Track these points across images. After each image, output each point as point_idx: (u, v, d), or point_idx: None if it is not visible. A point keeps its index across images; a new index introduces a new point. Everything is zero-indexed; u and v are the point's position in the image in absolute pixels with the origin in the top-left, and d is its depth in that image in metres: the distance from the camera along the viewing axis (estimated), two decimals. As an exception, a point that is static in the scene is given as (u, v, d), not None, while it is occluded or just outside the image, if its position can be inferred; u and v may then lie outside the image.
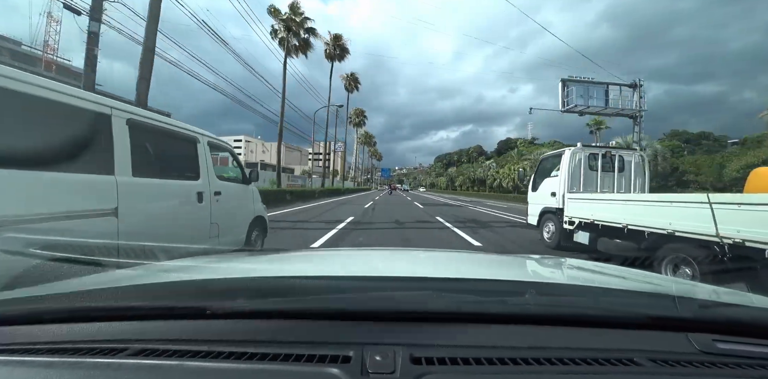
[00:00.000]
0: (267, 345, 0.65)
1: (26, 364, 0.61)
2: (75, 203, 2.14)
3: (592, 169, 6.39)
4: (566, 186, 6.16)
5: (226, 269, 1.36)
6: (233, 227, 4.01)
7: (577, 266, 1.58)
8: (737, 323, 0.76)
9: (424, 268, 1.53)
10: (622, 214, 4.50)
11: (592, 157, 6.42)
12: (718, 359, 0.67)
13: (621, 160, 6.51)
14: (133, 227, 2.46)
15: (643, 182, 6.56)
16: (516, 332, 0.72)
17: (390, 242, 6.66)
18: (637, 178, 6.51)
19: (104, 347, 0.65)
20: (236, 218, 4.13)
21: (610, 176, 6.46)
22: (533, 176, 7.61)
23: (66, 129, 2.20)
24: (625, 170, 6.53)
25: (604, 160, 6.44)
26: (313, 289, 0.86)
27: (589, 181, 6.31)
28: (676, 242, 3.71)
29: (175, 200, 3.08)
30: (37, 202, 1.93)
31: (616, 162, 6.46)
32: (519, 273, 1.44)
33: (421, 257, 1.83)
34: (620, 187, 6.44)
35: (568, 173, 6.21)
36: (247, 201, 4.41)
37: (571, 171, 6.23)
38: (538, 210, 7.00)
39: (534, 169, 7.80)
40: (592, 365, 0.63)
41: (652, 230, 3.99)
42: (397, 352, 0.62)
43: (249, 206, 4.45)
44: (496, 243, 6.93)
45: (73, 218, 2.12)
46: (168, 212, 2.98)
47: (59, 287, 0.86)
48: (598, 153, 6.45)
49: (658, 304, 0.82)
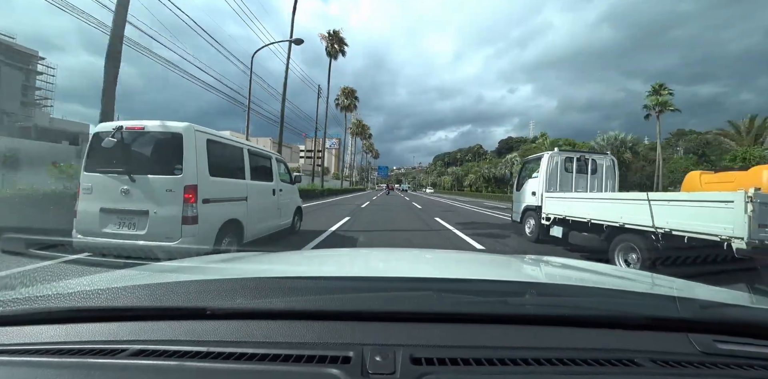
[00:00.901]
0: (267, 346, 0.65)
1: (26, 364, 0.62)
2: (234, 193, 4.39)
3: (567, 171, 7.12)
4: (544, 186, 6.89)
5: (225, 269, 1.37)
6: (287, 212, 6.32)
7: (577, 267, 1.59)
8: (738, 323, 0.76)
9: (424, 268, 1.56)
10: (586, 210, 5.24)
11: (568, 160, 7.16)
12: (718, 359, 0.68)
13: (594, 163, 7.26)
14: (251, 207, 4.72)
15: (614, 183, 7.30)
16: (516, 333, 0.73)
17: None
18: (608, 179, 7.25)
19: (104, 347, 0.65)
20: (289, 206, 6.42)
21: (584, 178, 7.19)
22: (517, 177, 8.35)
23: (230, 157, 4.53)
24: (598, 172, 7.27)
25: (579, 164, 7.17)
26: (312, 289, 0.87)
27: (565, 182, 7.05)
28: (626, 233, 4.45)
29: (265, 193, 5.35)
30: (223, 192, 4.15)
31: (589, 165, 7.20)
32: (519, 274, 1.46)
33: (421, 258, 1.84)
34: (593, 188, 7.18)
35: (546, 175, 6.94)
36: (293, 195, 6.81)
37: (549, 173, 6.96)
38: (521, 208, 7.73)
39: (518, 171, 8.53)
40: (592, 366, 0.63)
41: (608, 223, 4.73)
42: (397, 352, 0.62)
43: (295, 198, 6.88)
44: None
45: (233, 200, 4.35)
46: (263, 200, 5.19)
47: (59, 288, 0.86)
48: (573, 157, 7.19)
49: (658, 304, 0.82)
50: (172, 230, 3.50)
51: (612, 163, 7.38)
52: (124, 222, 3.59)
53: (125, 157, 3.67)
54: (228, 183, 4.28)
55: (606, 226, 4.79)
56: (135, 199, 3.58)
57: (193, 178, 3.62)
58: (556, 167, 7.04)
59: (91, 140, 3.83)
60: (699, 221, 3.44)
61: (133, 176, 3.59)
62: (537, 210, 6.91)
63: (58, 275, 2.25)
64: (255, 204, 4.83)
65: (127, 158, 3.68)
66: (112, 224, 3.60)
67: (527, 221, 7.45)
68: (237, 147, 4.68)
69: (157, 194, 3.56)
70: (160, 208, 3.53)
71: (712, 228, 3.28)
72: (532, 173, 7.57)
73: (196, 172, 3.65)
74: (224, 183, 4.18)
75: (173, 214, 3.51)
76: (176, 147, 3.60)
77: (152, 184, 3.58)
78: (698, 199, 3.55)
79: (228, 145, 4.47)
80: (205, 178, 3.78)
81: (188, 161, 3.61)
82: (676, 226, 3.69)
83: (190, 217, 3.54)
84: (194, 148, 3.68)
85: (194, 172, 3.64)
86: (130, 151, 3.73)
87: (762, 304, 0.87)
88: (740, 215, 3.02)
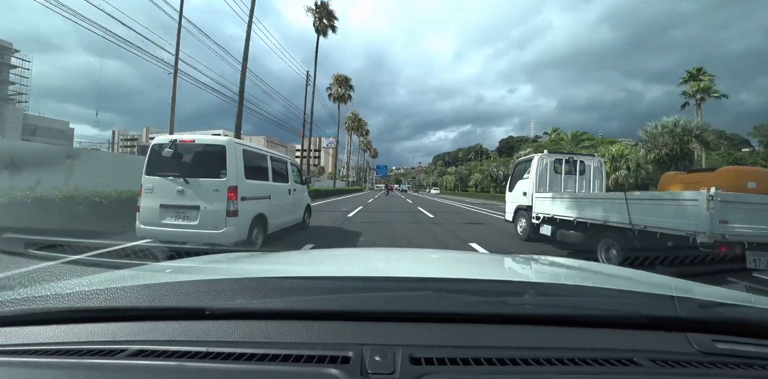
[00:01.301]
0: (266, 346, 0.65)
1: (25, 365, 0.62)
2: (262, 193, 5.32)
3: (557, 172, 7.44)
4: (535, 187, 7.20)
5: (224, 269, 1.38)
6: (299, 208, 7.31)
7: (577, 267, 1.60)
8: (737, 323, 0.77)
9: (423, 268, 1.57)
10: (572, 209, 5.55)
11: (557, 162, 7.47)
12: (717, 359, 0.68)
13: (582, 164, 7.57)
14: (273, 204, 5.70)
15: (601, 183, 7.62)
16: (516, 333, 0.73)
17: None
18: (596, 180, 7.57)
19: (102, 347, 0.65)
20: (300, 203, 7.41)
21: (573, 179, 7.51)
22: (510, 178, 8.67)
23: (258, 163, 5.51)
24: (586, 173, 7.58)
25: (568, 165, 7.49)
26: (312, 289, 0.87)
27: (554, 182, 7.36)
28: (607, 231, 4.76)
29: (283, 192, 6.37)
30: (254, 191, 5.07)
31: (577, 166, 7.52)
32: (518, 274, 1.47)
33: (420, 258, 1.85)
34: (581, 188, 7.50)
35: (536, 176, 7.25)
36: (304, 194, 7.85)
37: (539, 174, 7.27)
38: (513, 208, 8.03)
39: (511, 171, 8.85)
40: (591, 366, 0.64)
41: (592, 221, 5.04)
42: (396, 352, 0.62)
43: (305, 197, 7.93)
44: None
45: (260, 198, 5.29)
46: (281, 198, 6.21)
47: (57, 288, 0.87)
48: (563, 159, 7.51)
49: (657, 304, 0.82)
50: (219, 221, 4.47)
51: (600, 165, 7.70)
52: (180, 215, 4.54)
53: (179, 164, 4.64)
54: (257, 184, 5.29)
55: (590, 224, 5.10)
56: (188, 197, 4.53)
57: (234, 181, 4.60)
58: (546, 168, 7.36)
59: (150, 150, 4.77)
60: (669, 218, 3.75)
61: (186, 179, 4.54)
62: (528, 210, 7.21)
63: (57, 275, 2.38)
64: (276, 202, 5.87)
65: (181, 165, 4.64)
66: (170, 217, 4.54)
67: (519, 220, 7.75)
68: (263, 154, 5.78)
69: (206, 193, 4.52)
70: (209, 204, 4.49)
71: (680, 224, 3.60)
72: (523, 174, 7.87)
73: (236, 175, 4.65)
74: (255, 184, 5.19)
75: (219, 208, 4.48)
76: (220, 156, 4.59)
77: (202, 185, 4.54)
78: (668, 198, 3.87)
79: (256, 153, 5.53)
80: (242, 180, 4.77)
81: (230, 167, 4.58)
82: (649, 223, 4.01)
83: (232, 211, 4.51)
84: (234, 157, 4.67)
85: (235, 175, 4.63)
86: (183, 159, 4.70)
87: (760, 303, 0.88)
88: (702, 212, 3.34)
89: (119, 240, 5.26)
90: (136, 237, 4.80)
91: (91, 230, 6.23)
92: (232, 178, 4.59)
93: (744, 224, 3.39)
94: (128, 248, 4.33)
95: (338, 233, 7.49)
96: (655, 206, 3.99)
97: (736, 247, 3.36)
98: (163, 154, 4.60)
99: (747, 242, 3.37)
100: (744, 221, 3.40)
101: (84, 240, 4.71)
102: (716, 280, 3.62)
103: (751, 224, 3.42)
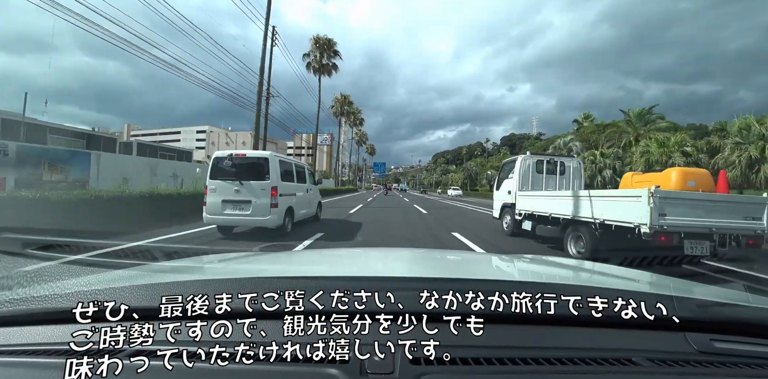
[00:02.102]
0: (265, 346, 0.66)
1: (23, 365, 0.64)
2: (290, 191, 7.23)
3: (539, 172, 8.04)
4: (518, 186, 7.80)
5: (221, 269, 1.37)
6: (313, 205, 9.11)
7: (575, 266, 1.62)
8: (734, 322, 0.79)
9: (422, 268, 1.57)
10: (548, 206, 6.15)
11: (539, 162, 8.08)
12: (715, 358, 0.70)
13: (562, 165, 8.18)
14: (297, 200, 7.51)
15: (580, 183, 8.23)
16: (515, 332, 0.75)
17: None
18: (575, 179, 8.18)
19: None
20: (313, 200, 9.24)
21: (553, 178, 8.11)
22: (497, 178, 9.27)
23: (288, 169, 7.39)
24: (566, 173, 8.19)
25: (549, 166, 8.09)
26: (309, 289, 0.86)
27: (536, 182, 7.96)
28: (576, 224, 5.36)
29: (303, 190, 8.13)
30: (286, 190, 6.96)
31: (558, 167, 8.13)
32: (517, 273, 1.47)
33: (419, 257, 1.85)
34: (561, 187, 8.10)
35: (519, 176, 7.85)
36: (317, 192, 9.67)
37: (522, 174, 7.87)
38: (500, 205, 8.64)
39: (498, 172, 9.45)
40: (591, 365, 0.65)
41: (563, 217, 5.64)
42: (395, 352, 0.63)
43: (317, 195, 9.76)
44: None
45: (290, 195, 7.14)
46: (302, 195, 8.04)
47: (56, 288, 0.87)
48: (544, 160, 8.12)
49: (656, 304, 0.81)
50: (265, 211, 6.32)
51: (578, 165, 8.32)
52: (237, 207, 6.35)
53: (235, 171, 6.42)
54: (288, 185, 7.13)
55: (562, 219, 5.71)
56: (243, 194, 6.34)
57: (275, 182, 6.47)
58: (529, 169, 7.95)
59: (212, 161, 6.70)
60: (621, 212, 4.35)
61: (241, 182, 6.35)
62: (512, 207, 7.82)
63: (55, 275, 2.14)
64: (299, 198, 7.75)
65: (237, 171, 6.42)
66: (229, 209, 6.34)
67: (504, 216, 8.35)
68: (289, 162, 7.79)
69: (256, 191, 6.33)
70: (258, 199, 6.32)
71: (629, 217, 4.19)
72: (509, 174, 8.47)
73: (276, 178, 6.51)
74: (286, 185, 6.97)
75: (266, 202, 6.33)
76: (265, 165, 6.47)
77: (253, 186, 6.36)
78: (620, 195, 4.48)
79: (286, 162, 7.49)
80: (279, 182, 6.61)
81: (272, 173, 6.46)
82: (607, 217, 4.61)
83: (274, 204, 6.38)
84: (274, 165, 6.56)
85: (275, 178, 6.49)
86: (237, 167, 6.45)
87: (758, 303, 0.89)
88: (645, 206, 3.93)
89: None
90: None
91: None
92: (274, 180, 6.48)
93: (681, 217, 3.99)
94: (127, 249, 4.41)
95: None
96: (610, 202, 4.60)
97: (674, 236, 3.96)
98: (223, 164, 6.49)
99: (684, 232, 3.97)
100: (681, 215, 3.99)
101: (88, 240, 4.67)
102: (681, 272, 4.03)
103: (687, 217, 4.02)
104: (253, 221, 6.39)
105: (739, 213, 4.15)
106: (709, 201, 4.16)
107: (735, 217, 4.13)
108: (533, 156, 8.16)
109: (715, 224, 4.03)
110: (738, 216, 4.14)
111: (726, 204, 4.21)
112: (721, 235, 4.06)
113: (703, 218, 4.04)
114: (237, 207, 6.33)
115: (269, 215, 6.32)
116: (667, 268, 3.89)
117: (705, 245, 4.07)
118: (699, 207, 4.08)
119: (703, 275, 4.10)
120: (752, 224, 4.15)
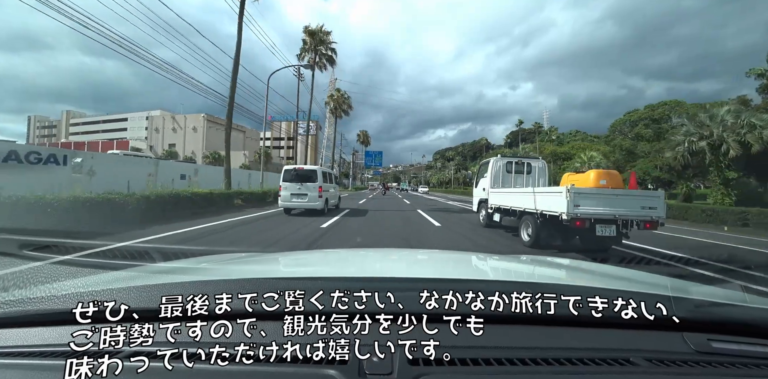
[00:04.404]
0: (265, 346, 0.66)
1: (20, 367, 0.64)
2: (327, 188, 12.38)
3: (508, 172, 9.39)
4: (491, 183, 9.16)
5: (221, 270, 1.40)
6: (336, 197, 14.25)
7: (573, 266, 1.63)
8: (732, 322, 0.79)
9: (421, 269, 1.61)
10: (510, 201, 7.51)
11: (509, 163, 9.42)
12: (713, 358, 0.71)
13: (529, 165, 9.52)
14: (329, 194, 12.44)
15: (545, 181, 9.56)
16: (513, 333, 0.75)
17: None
18: (540, 178, 9.51)
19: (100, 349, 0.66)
20: (337, 194, 14.56)
21: (521, 177, 9.46)
22: (476, 176, 10.64)
23: (324, 174, 12.35)
24: (532, 173, 9.53)
25: (517, 166, 9.43)
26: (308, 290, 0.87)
27: (506, 180, 9.31)
28: (527, 215, 6.71)
29: (333, 188, 13.73)
30: (325, 188, 12.01)
31: (525, 167, 9.47)
32: (517, 274, 1.52)
33: (418, 258, 1.87)
34: (528, 185, 9.42)
35: (492, 175, 9.21)
36: (336, 190, 14.73)
37: (494, 173, 9.23)
38: (477, 201, 10.01)
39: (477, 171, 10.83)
40: (589, 365, 0.66)
41: (518, 209, 7.00)
42: (394, 353, 0.64)
43: (337, 191, 14.79)
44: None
45: (327, 191, 12.25)
46: (332, 191, 13.19)
47: (53, 289, 0.87)
48: (513, 161, 9.46)
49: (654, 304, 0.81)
50: (316, 200, 11.20)
51: (543, 165, 9.68)
52: (299, 197, 11.19)
53: (298, 176, 11.35)
54: (326, 184, 11.91)
55: (517, 211, 7.07)
56: (303, 190, 11.17)
57: (320, 183, 11.38)
58: (500, 169, 9.31)
59: (284, 171, 11.69)
60: (552, 204, 5.70)
61: (302, 183, 11.23)
62: (486, 202, 9.18)
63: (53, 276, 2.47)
64: (330, 193, 12.52)
65: (299, 177, 11.35)
66: (294, 198, 11.18)
67: (480, 210, 9.74)
68: (327, 171, 12.81)
69: (310, 189, 11.20)
70: (311, 192, 11.18)
71: (556, 208, 5.54)
72: (484, 174, 9.84)
73: (321, 181, 11.47)
74: (326, 185, 11.81)
75: (316, 195, 11.20)
76: (315, 173, 11.63)
77: (308, 186, 11.23)
78: (550, 191, 5.83)
79: (325, 171, 12.43)
80: (322, 183, 11.52)
81: (319, 178, 11.42)
82: (544, 208, 5.96)
83: (320, 196, 11.25)
84: (319, 174, 11.63)
85: (320, 181, 11.43)
86: (300, 174, 11.46)
87: (756, 303, 0.91)
88: (564, 200, 5.29)
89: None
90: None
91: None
92: (320, 182, 11.37)
93: (591, 207, 5.34)
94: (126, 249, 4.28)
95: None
96: (546, 197, 5.96)
97: (586, 222, 5.31)
98: (291, 172, 11.49)
99: (594, 218, 5.32)
100: (591, 205, 5.34)
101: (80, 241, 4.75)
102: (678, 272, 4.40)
103: (596, 207, 5.37)
104: (308, 205, 11.20)
105: (637, 204, 5.50)
106: (613, 195, 5.50)
107: (634, 207, 5.47)
108: (503, 158, 9.54)
109: (619, 212, 5.38)
110: (636, 206, 5.48)
111: (627, 197, 5.56)
112: (623, 220, 5.40)
113: (609, 207, 5.38)
114: (299, 197, 11.18)
115: (317, 202, 11.20)
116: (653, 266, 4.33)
117: (612, 228, 5.42)
118: (606, 200, 5.42)
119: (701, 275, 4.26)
120: (648, 212, 5.49)
